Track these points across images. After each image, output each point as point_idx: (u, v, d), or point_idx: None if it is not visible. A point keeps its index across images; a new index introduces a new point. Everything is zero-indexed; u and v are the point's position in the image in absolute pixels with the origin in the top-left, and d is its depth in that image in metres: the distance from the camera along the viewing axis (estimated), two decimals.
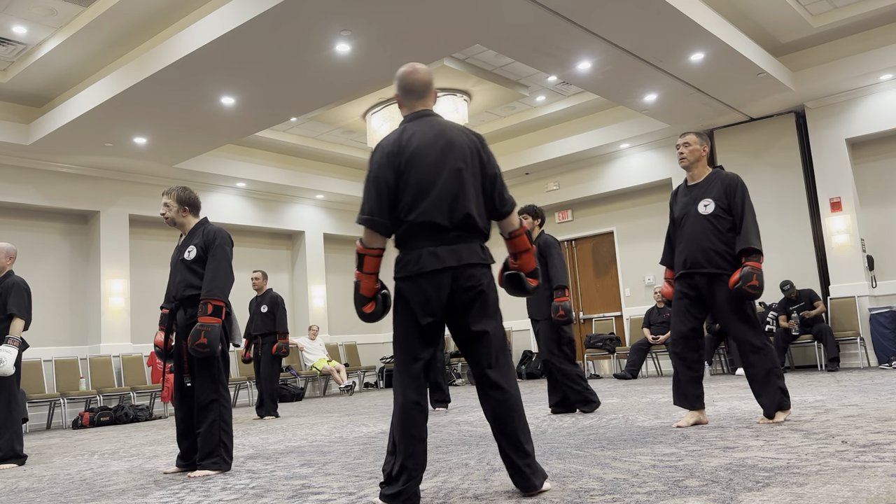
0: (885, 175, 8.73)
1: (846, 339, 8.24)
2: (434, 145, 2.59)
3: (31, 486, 3.79)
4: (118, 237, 9.50)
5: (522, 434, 2.50)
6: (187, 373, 3.83)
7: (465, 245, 2.55)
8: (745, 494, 2.24)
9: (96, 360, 8.91)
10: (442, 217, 2.52)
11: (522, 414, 2.53)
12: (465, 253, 2.54)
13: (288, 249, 11.99)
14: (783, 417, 3.89)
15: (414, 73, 2.70)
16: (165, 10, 6.72)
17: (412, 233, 2.55)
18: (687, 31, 6.64)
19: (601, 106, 9.97)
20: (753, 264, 3.83)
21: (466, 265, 2.53)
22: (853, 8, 7.63)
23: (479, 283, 2.55)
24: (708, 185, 4.08)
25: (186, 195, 3.99)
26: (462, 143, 2.64)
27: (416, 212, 2.53)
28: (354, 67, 6.89)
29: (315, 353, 10.87)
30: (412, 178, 2.56)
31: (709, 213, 4.01)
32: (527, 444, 2.50)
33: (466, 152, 2.63)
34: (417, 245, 2.54)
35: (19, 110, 8.46)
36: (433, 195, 2.53)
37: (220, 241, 3.86)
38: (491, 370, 2.53)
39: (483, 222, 2.63)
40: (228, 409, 3.76)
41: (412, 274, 2.51)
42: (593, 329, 10.58)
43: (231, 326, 3.93)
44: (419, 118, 2.68)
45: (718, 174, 4.09)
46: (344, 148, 11.15)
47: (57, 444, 6.16)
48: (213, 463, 3.66)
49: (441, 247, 2.52)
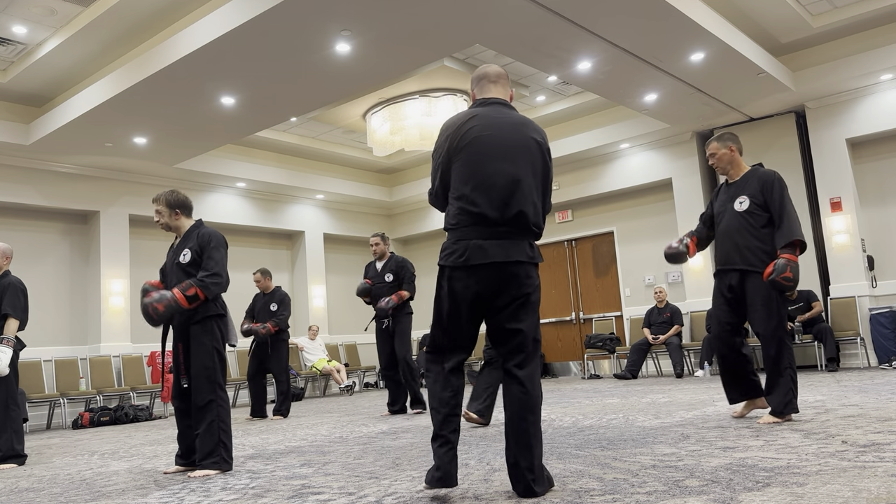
0: (885, 175, 8.73)
1: (846, 339, 8.24)
2: (495, 134, 2.52)
3: (31, 486, 3.79)
4: (118, 237, 9.50)
5: (533, 437, 2.45)
6: (184, 374, 3.84)
7: (512, 242, 2.48)
8: (745, 494, 2.24)
9: (96, 360, 8.91)
10: (493, 210, 2.46)
11: (538, 418, 2.49)
12: (512, 249, 2.47)
13: (288, 249, 11.99)
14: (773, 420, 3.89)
15: (487, 66, 2.74)
16: (165, 9, 6.72)
17: (461, 220, 2.50)
18: (687, 31, 6.64)
19: (601, 106, 9.97)
20: (789, 256, 3.81)
21: (514, 262, 2.47)
22: (853, 8, 7.63)
23: (524, 281, 2.49)
24: (745, 183, 4.10)
25: (175, 198, 3.98)
26: (527, 136, 2.56)
27: (468, 199, 2.48)
28: (354, 67, 6.89)
29: (315, 353, 10.88)
30: (466, 161, 2.50)
31: (743, 209, 4.04)
32: (535, 448, 2.45)
33: (532, 146, 2.56)
34: (465, 235, 2.49)
35: (19, 110, 8.46)
36: (487, 185, 2.47)
37: (216, 242, 3.87)
38: (519, 369, 2.50)
39: (536, 220, 2.55)
40: (227, 410, 3.77)
41: (457, 265, 2.48)
42: (593, 329, 10.58)
43: (227, 327, 3.93)
44: (489, 104, 2.60)
45: (756, 172, 4.10)
46: (344, 148, 11.15)
47: (57, 444, 6.16)
48: (214, 462, 3.66)
49: (490, 241, 2.47)
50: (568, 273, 11.32)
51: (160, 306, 3.65)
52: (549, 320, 11.43)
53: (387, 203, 12.67)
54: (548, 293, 11.51)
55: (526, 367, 2.50)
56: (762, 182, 4.02)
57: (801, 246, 3.88)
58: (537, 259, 2.56)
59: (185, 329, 3.86)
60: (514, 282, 2.48)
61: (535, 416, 2.47)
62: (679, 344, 8.97)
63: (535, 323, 2.55)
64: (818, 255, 8.89)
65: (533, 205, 2.53)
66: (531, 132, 2.59)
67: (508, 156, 2.51)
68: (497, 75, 2.71)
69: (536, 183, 2.56)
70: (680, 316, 9.31)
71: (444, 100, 9.02)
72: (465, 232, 2.49)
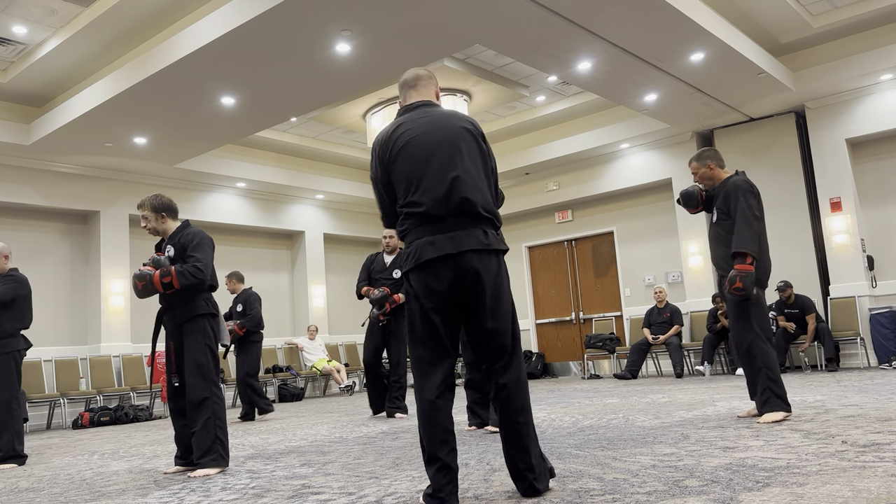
0: (885, 175, 8.73)
1: (846, 339, 8.24)
2: (424, 134, 2.52)
3: (31, 486, 3.79)
4: (118, 237, 9.50)
5: (528, 438, 2.43)
6: (175, 373, 3.85)
7: (465, 231, 2.43)
8: (745, 494, 2.24)
9: (96, 360, 8.91)
10: (437, 205, 2.44)
11: (529, 418, 2.45)
12: (464, 239, 2.42)
13: (288, 249, 11.99)
14: (772, 420, 3.88)
15: (407, 72, 2.71)
16: (165, 9, 6.72)
17: (410, 224, 2.49)
18: (687, 31, 6.64)
19: (601, 106, 9.97)
20: (738, 266, 3.96)
21: (466, 252, 2.41)
22: (853, 8, 7.63)
23: (482, 273, 2.42)
24: (718, 194, 4.24)
25: (159, 202, 3.99)
26: (456, 127, 2.55)
27: (410, 202, 2.48)
28: (354, 67, 6.89)
29: (315, 353, 10.88)
30: (402, 169, 2.50)
31: (715, 220, 4.23)
32: (531, 447, 2.43)
33: (464, 135, 2.54)
34: (416, 236, 2.47)
35: (19, 110, 8.46)
36: (427, 184, 2.46)
37: (199, 240, 3.87)
38: (502, 374, 2.45)
39: (486, 204, 2.49)
40: (222, 406, 3.77)
41: (412, 267, 2.46)
42: (593, 329, 10.58)
43: (219, 327, 3.92)
44: (412, 109, 2.62)
45: (726, 183, 4.21)
46: (344, 148, 11.15)
47: (57, 444, 6.16)
48: (212, 460, 3.66)
49: (438, 235, 2.43)
50: (568, 273, 11.32)
51: (139, 283, 3.76)
52: (549, 320, 11.43)
53: None
54: (548, 293, 11.52)
55: (509, 371, 2.45)
56: (726, 192, 4.15)
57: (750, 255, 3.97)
58: (494, 246, 2.46)
59: (177, 328, 3.87)
60: (471, 274, 2.41)
61: (525, 417, 2.44)
62: (679, 344, 8.97)
63: (507, 318, 2.47)
64: (818, 255, 8.89)
65: (479, 191, 2.48)
66: (459, 122, 2.56)
67: (442, 150, 2.49)
68: (416, 78, 2.69)
69: (477, 169, 2.51)
70: (680, 316, 9.31)
71: (444, 100, 9.02)
72: (416, 233, 2.47)
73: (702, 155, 4.32)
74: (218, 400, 3.75)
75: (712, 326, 8.78)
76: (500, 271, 2.48)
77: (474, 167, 2.52)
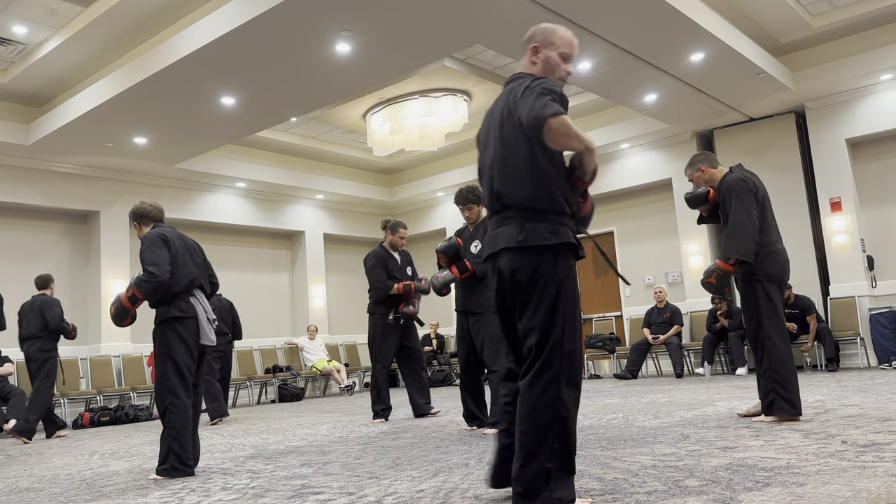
0: (885, 175, 8.73)
1: (846, 339, 8.24)
2: (486, 123, 2.47)
3: (31, 486, 3.79)
4: (118, 237, 9.50)
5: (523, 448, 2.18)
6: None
7: (504, 229, 2.30)
8: (745, 494, 2.24)
9: (96, 360, 8.91)
10: (488, 202, 2.41)
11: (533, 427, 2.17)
12: (500, 238, 2.30)
13: (288, 249, 11.99)
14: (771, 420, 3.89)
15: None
16: (165, 9, 6.72)
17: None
18: (687, 31, 6.64)
19: (601, 106, 9.97)
20: (722, 264, 4.02)
21: (502, 251, 2.30)
22: (853, 8, 7.63)
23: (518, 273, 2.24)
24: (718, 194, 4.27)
25: (134, 210, 4.03)
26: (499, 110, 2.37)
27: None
28: (354, 67, 6.89)
29: (315, 353, 10.88)
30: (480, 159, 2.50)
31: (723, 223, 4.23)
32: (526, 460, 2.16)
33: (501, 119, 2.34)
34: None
35: (19, 110, 8.46)
36: (484, 179, 2.43)
37: (145, 244, 3.83)
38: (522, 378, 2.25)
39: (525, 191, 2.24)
40: (180, 416, 3.67)
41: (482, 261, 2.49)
42: (593, 329, 10.58)
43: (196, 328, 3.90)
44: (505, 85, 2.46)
45: (721, 182, 4.21)
46: (344, 148, 11.15)
47: (57, 444, 6.16)
48: (164, 470, 3.66)
49: (490, 232, 2.38)
50: None
51: (112, 308, 3.81)
52: None
53: (387, 203, 12.67)
54: None
55: (528, 375, 2.22)
56: (722, 195, 4.17)
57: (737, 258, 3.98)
58: (531, 241, 2.21)
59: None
60: (509, 274, 2.28)
61: (525, 426, 2.18)
62: (679, 344, 8.97)
63: (546, 323, 2.21)
64: (818, 256, 8.89)
65: (513, 177, 2.27)
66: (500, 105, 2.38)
67: (487, 143, 2.43)
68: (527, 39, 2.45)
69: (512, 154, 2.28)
70: (680, 316, 9.31)
71: (444, 100, 9.02)
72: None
73: (692, 161, 4.33)
74: (175, 409, 3.66)
75: (712, 326, 8.78)
76: (540, 269, 2.23)
77: (509, 152, 2.29)
